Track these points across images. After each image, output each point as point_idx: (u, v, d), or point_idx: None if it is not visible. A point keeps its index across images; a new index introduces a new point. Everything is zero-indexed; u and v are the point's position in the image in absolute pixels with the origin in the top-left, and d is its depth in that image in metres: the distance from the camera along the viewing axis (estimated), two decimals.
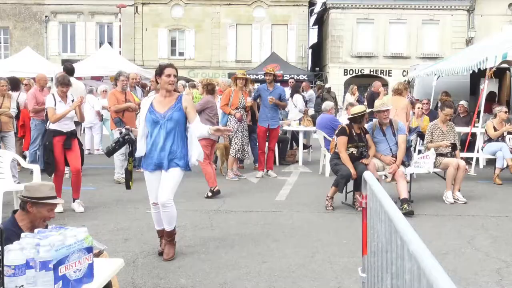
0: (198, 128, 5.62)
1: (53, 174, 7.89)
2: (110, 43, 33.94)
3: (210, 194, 8.96)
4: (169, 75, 5.57)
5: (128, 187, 6.14)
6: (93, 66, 21.54)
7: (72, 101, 8.03)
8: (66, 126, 7.91)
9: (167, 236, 5.73)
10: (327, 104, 11.92)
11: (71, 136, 7.97)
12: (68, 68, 10.70)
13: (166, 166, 5.57)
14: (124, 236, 6.54)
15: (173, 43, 39.47)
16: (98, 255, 3.67)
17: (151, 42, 38.70)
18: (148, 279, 5.05)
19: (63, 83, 8.01)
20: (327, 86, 25.71)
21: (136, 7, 38.51)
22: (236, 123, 10.80)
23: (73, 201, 7.93)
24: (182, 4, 38.78)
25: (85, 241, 3.08)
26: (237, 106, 10.84)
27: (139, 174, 11.25)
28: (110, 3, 36.34)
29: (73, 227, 3.19)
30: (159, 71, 5.65)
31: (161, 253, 5.75)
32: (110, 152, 5.90)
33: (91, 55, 27.46)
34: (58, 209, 7.15)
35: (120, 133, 5.80)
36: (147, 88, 13.91)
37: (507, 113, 11.38)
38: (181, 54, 39.45)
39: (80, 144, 8.33)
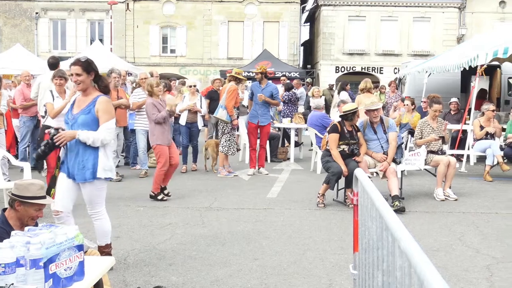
0: (92, 135, 4.83)
1: (44, 171, 7.86)
2: (101, 40, 33.78)
3: (153, 194, 8.54)
4: (71, 74, 4.95)
5: (48, 193, 4.80)
6: None
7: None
8: (62, 123, 7.88)
9: (100, 252, 4.95)
10: (319, 102, 11.94)
11: None
12: (50, 62, 9.89)
13: (77, 177, 4.93)
14: (115, 234, 6.50)
15: (164, 40, 39.35)
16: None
17: (142, 39, 38.57)
18: (139, 277, 5.04)
19: (57, 75, 7.98)
20: (330, 83, 25.78)
21: (127, 4, 38.35)
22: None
23: None
24: (173, 1, 38.66)
25: (76, 239, 3.07)
26: (237, 105, 10.98)
27: (132, 171, 11.28)
28: (101, 0, 36.20)
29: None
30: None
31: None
32: (40, 157, 5.14)
33: (81, 52, 27.30)
34: None
35: (49, 133, 5.01)
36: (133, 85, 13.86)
37: (494, 111, 11.43)
38: (172, 51, 39.35)
39: None
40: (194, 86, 11.74)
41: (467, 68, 12.72)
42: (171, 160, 8.48)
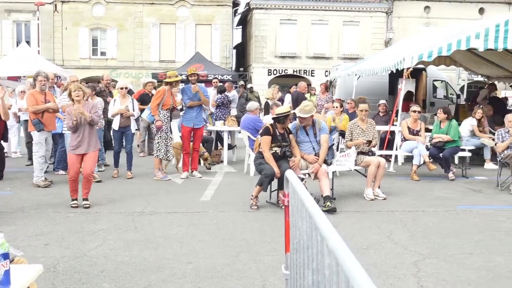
0: None
1: None
2: (28, 42, 32.76)
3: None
4: None
5: None
6: (10, 66, 20.72)
7: None
8: None
9: None
10: (252, 105, 12.00)
11: None
12: None
13: None
14: (44, 241, 6.33)
15: (94, 42, 38.65)
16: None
17: (71, 41, 37.72)
18: (69, 285, 4.92)
19: None
20: (249, 86, 25.94)
21: (55, 5, 37.43)
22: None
23: None
24: (103, 3, 38.01)
25: (1, 247, 2.97)
26: (168, 107, 10.82)
27: (59, 176, 10.99)
28: (28, 1, 35.14)
29: None
30: None
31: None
32: None
33: (7, 55, 26.43)
34: None
35: None
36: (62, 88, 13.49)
37: (419, 113, 11.80)
38: (103, 53, 38.69)
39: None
40: (126, 88, 11.50)
41: (394, 71, 13.10)
42: (82, 170, 8.21)
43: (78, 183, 8.22)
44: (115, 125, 10.93)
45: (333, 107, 12.49)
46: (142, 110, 11.91)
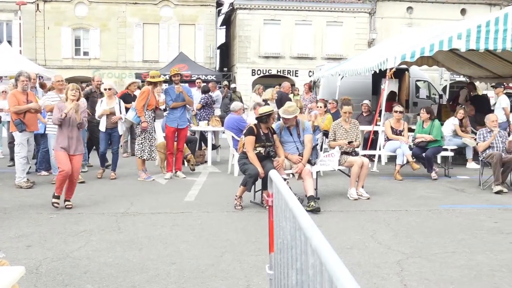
0: None
1: None
2: (10, 42, 32.51)
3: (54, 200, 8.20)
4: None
5: None
6: None
7: None
8: None
9: None
10: (236, 105, 12.00)
11: None
12: None
13: None
14: (27, 243, 6.27)
15: (77, 42, 38.35)
16: None
17: (53, 41, 37.41)
18: (52, 286, 4.88)
19: None
20: (232, 86, 25.92)
21: (37, 5, 37.09)
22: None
23: None
24: (86, 3, 37.76)
25: None
26: (153, 108, 10.78)
27: (41, 177, 10.90)
28: (9, 0, 34.82)
29: None
30: None
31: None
32: None
33: None
34: None
35: None
36: (46, 88, 13.38)
37: (401, 113, 11.88)
38: (85, 53, 38.42)
39: None
40: (110, 89, 11.37)
41: (378, 71, 13.16)
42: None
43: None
44: (102, 127, 10.83)
45: (317, 107, 12.52)
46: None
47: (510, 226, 7.36)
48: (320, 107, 12.36)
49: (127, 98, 12.81)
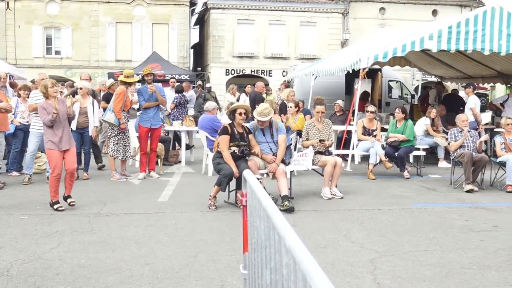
0: None
1: None
2: None
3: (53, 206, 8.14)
4: None
5: None
6: None
7: None
8: None
9: None
10: (210, 104, 11.97)
11: None
12: None
13: None
14: None
15: (48, 41, 37.86)
16: None
17: (24, 40, 36.88)
18: None
19: None
20: (207, 86, 25.86)
21: (8, 3, 36.53)
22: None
23: None
24: (57, 1, 37.29)
25: None
26: (129, 108, 10.74)
27: (12, 178, 10.75)
28: None
29: None
30: None
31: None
32: None
33: None
34: None
35: None
36: (17, 88, 13.19)
37: (372, 113, 11.97)
38: (57, 52, 37.95)
39: None
40: (81, 88, 11.25)
41: (351, 71, 13.26)
42: (64, 166, 8.13)
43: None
44: (73, 126, 10.65)
45: (289, 107, 12.52)
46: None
47: (480, 224, 7.48)
48: (291, 107, 12.34)
49: (109, 98, 12.71)
